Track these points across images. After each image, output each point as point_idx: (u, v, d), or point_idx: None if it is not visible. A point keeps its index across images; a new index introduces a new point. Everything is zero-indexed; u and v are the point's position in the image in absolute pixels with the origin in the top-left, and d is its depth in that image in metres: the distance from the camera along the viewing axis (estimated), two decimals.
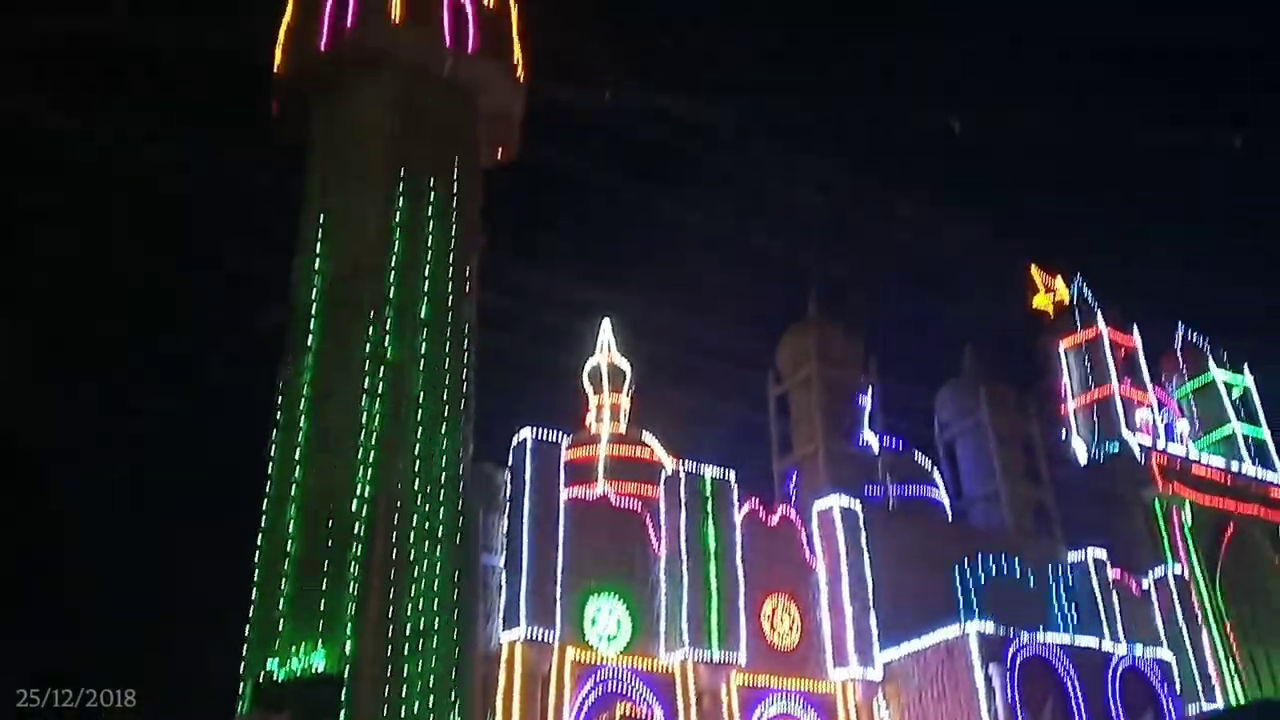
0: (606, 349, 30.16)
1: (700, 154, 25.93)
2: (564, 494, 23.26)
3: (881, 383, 33.91)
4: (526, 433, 23.39)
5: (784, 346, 34.23)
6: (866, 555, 26.01)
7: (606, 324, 30.52)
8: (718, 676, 22.91)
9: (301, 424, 22.32)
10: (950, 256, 32.82)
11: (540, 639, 21.28)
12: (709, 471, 25.09)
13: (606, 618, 22.81)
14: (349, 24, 25.73)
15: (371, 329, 22.59)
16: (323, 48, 25.84)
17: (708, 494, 24.79)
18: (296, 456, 21.98)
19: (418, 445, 22.09)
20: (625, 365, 29.82)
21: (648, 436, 28.53)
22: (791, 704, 23.75)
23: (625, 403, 29.48)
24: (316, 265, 23.83)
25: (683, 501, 24.43)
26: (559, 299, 28.23)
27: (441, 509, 21.78)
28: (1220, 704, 29.02)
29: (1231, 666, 30.89)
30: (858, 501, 27.05)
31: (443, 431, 22.56)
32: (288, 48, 26.67)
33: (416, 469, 21.82)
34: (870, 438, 32.71)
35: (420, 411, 22.41)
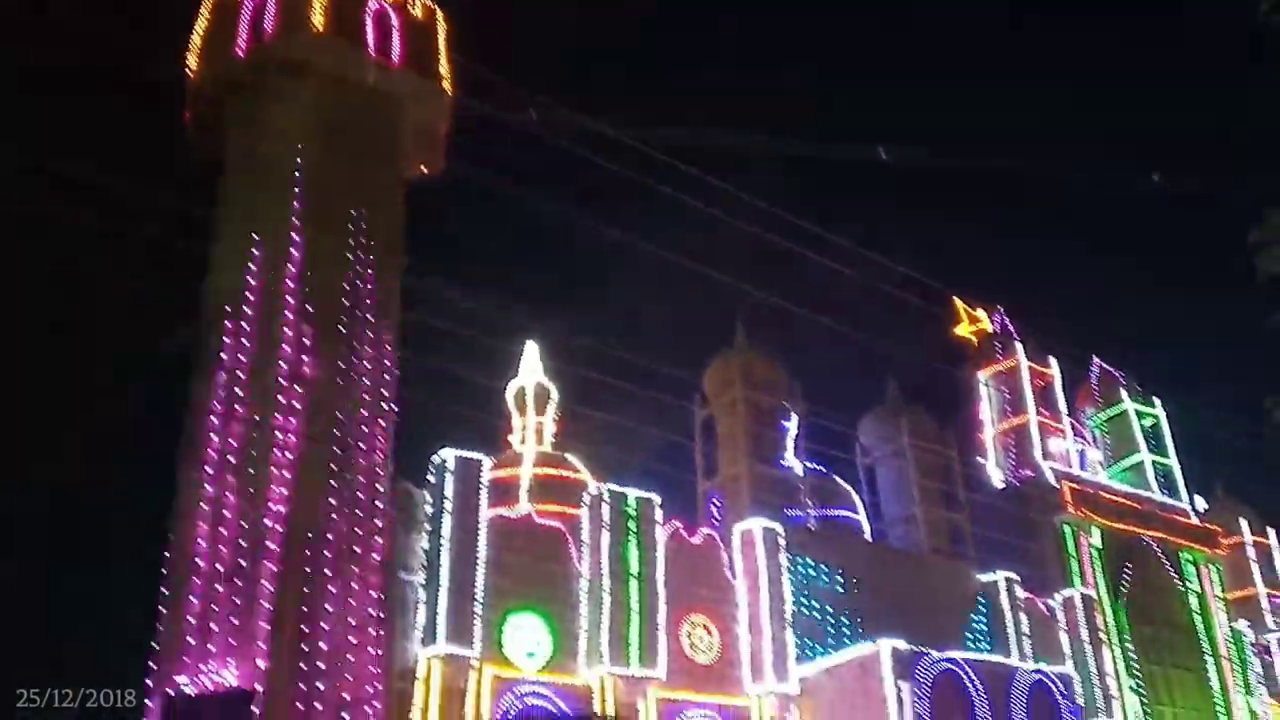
0: (532, 370, 30.43)
1: (631, 178, 26.34)
2: (486, 513, 23.44)
3: (806, 409, 34.64)
4: (448, 452, 23.54)
5: (710, 372, 34.82)
6: (786, 575, 26.57)
7: (532, 345, 30.80)
8: (636, 692, 23.35)
9: (214, 441, 22.09)
10: (876, 287, 33.83)
11: (459, 656, 21.46)
12: (633, 492, 25.46)
13: (527, 635, 23.06)
14: (269, 31, 25.64)
15: (288, 347, 22.51)
16: (241, 54, 25.66)
17: (631, 514, 25.19)
18: (208, 473, 21.78)
19: (335, 464, 22.03)
20: (551, 387, 30.13)
21: (572, 457, 28.84)
22: (709, 717, 24.21)
23: (550, 424, 29.77)
24: (229, 282, 23.49)
25: (606, 522, 24.79)
26: (484, 319, 28.50)
27: (359, 527, 21.78)
28: (1118, 718, 30.17)
29: (1131, 684, 32.33)
30: (779, 524, 27.58)
31: (362, 450, 22.55)
32: (204, 55, 26.45)
33: (334, 487, 21.78)
34: (793, 462, 33.42)
35: (338, 430, 22.35)
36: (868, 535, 33.36)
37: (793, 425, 34.11)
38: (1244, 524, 42.56)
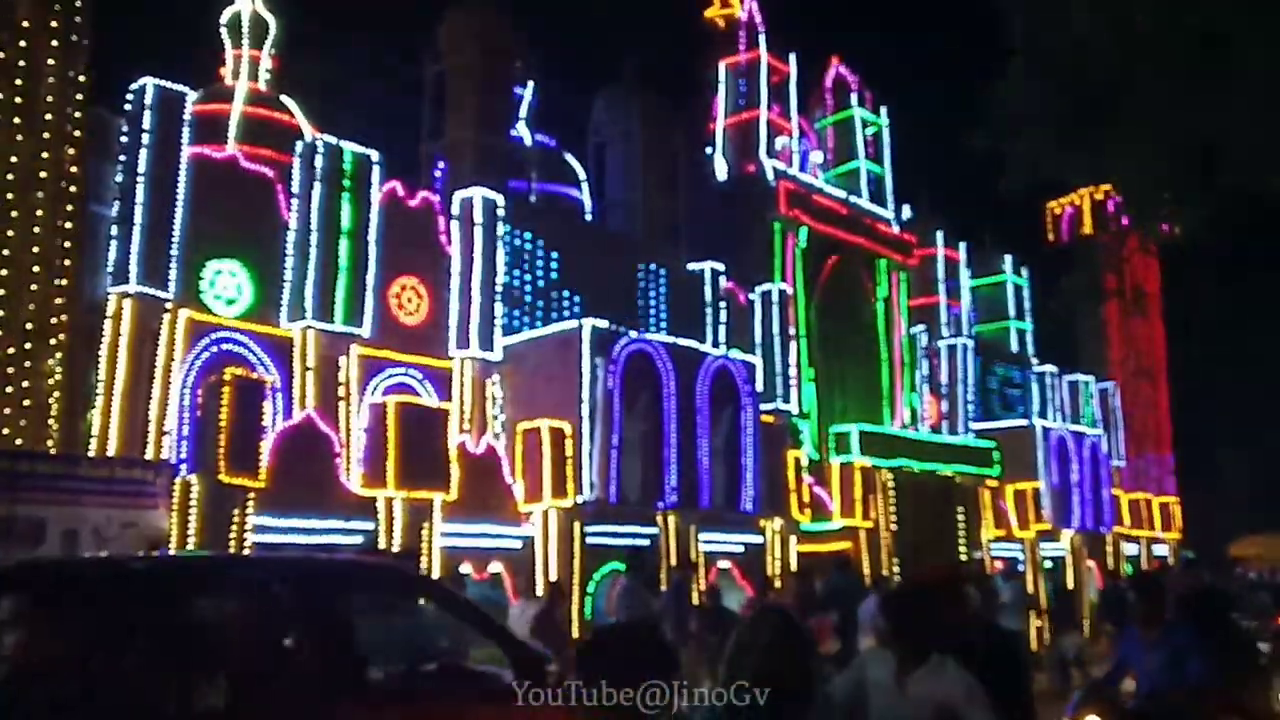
0: None
1: None
2: (188, 150, 23.27)
3: (542, 79, 35.27)
4: (148, 81, 22.86)
5: (446, 26, 34.24)
6: (502, 246, 28.21)
7: None
8: (339, 347, 24.81)
9: None
10: None
11: (152, 296, 22.03)
12: (350, 146, 25.75)
13: (227, 280, 23.74)
14: None
15: None
16: None
17: (347, 169, 25.57)
18: None
19: (18, 82, 21.06)
20: (270, 19, 29.00)
21: (288, 100, 28.40)
22: (410, 377, 26.20)
23: (267, 60, 28.89)
24: None
25: (320, 174, 25.11)
26: None
27: (45, 152, 21.25)
28: (794, 406, 34.71)
29: (810, 374, 37.06)
30: (500, 195, 28.80)
31: (50, 67, 21.58)
32: None
33: (16, 107, 20.95)
34: (523, 133, 34.35)
35: (22, 44, 21.20)
36: (588, 215, 35.34)
37: (527, 94, 34.77)
38: (940, 236, 47.78)
